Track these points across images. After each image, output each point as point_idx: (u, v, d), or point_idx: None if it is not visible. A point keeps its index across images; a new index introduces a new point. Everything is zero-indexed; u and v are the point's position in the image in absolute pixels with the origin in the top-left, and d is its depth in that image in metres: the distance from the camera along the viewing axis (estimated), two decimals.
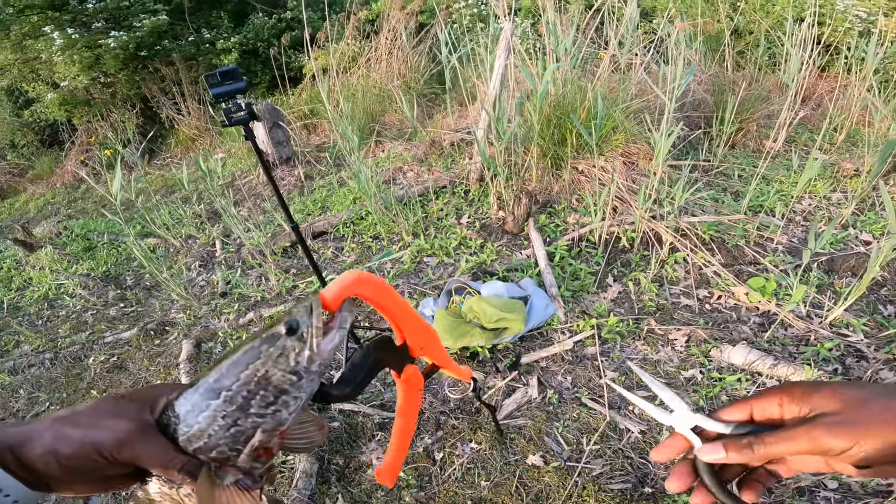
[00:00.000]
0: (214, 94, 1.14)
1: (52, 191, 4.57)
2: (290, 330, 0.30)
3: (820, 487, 1.06)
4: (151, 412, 0.31)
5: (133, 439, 0.29)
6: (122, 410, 0.30)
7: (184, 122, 4.67)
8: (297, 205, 2.79)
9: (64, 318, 2.27)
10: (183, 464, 0.30)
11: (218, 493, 0.30)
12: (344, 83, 3.60)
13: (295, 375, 0.30)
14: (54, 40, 4.05)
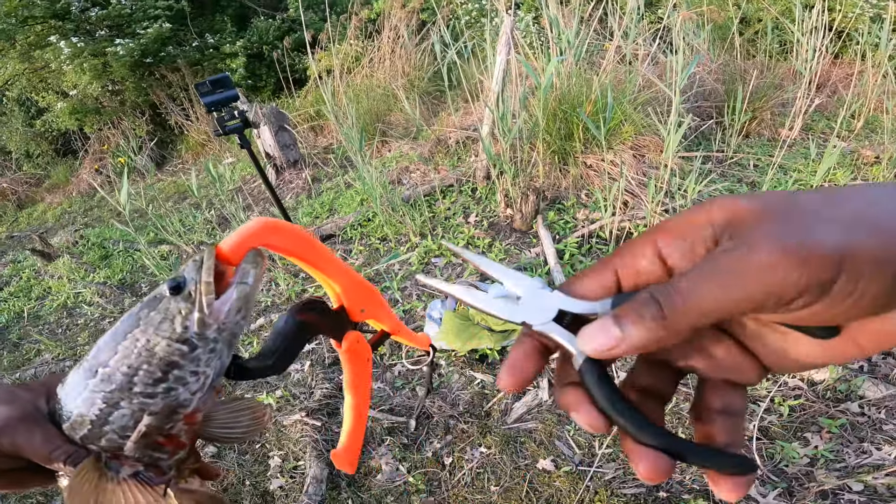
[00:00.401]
0: (206, 103, 1.13)
1: (68, 200, 4.66)
2: (174, 288, 0.24)
3: (844, 490, 1.00)
4: (48, 400, 0.27)
5: (12, 428, 0.25)
6: (12, 398, 0.27)
7: (193, 127, 4.70)
8: (305, 208, 2.78)
9: (83, 325, 2.31)
10: (68, 454, 0.26)
11: (107, 486, 0.25)
12: (348, 83, 3.57)
13: (185, 345, 0.24)
14: (62, 50, 4.10)
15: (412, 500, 1.16)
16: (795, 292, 0.13)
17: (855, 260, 0.13)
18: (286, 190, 3.21)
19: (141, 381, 0.24)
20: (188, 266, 0.25)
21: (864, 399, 1.17)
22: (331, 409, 1.47)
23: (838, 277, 0.13)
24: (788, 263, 0.13)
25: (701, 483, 1.07)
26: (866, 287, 0.13)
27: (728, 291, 0.14)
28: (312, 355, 1.73)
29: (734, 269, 0.14)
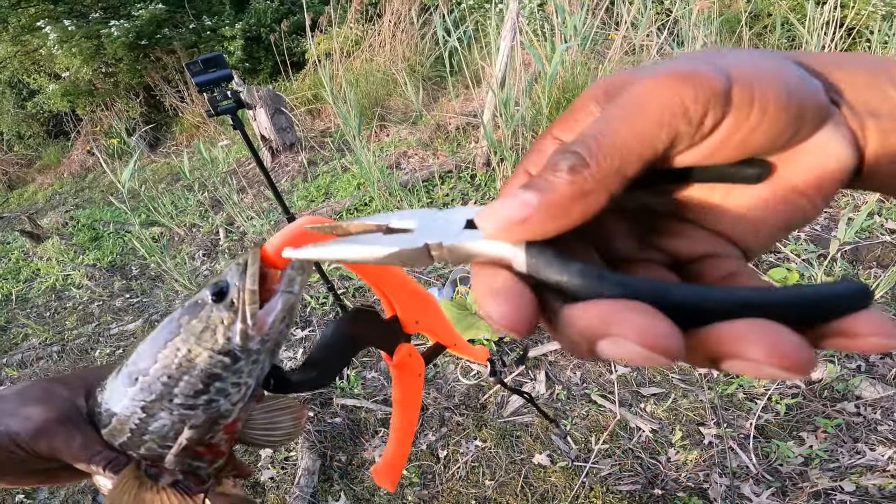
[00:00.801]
0: (198, 82, 1.05)
1: (59, 181, 4.53)
2: (217, 295, 0.22)
3: (836, 491, 0.98)
4: (88, 398, 0.26)
5: (50, 430, 0.24)
6: (50, 396, 0.26)
7: (188, 109, 4.57)
8: (300, 191, 2.70)
9: (71, 309, 2.24)
10: (107, 460, 0.25)
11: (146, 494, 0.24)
12: (347, 67, 3.45)
13: (227, 356, 0.23)
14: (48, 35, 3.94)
15: (406, 494, 1.12)
16: (696, 106, 0.12)
17: (741, 72, 0.13)
18: (282, 173, 3.12)
19: (181, 393, 0.23)
20: (231, 270, 0.23)
21: (861, 399, 1.15)
22: (324, 399, 1.42)
23: (731, 85, 0.13)
24: (676, 82, 0.13)
25: (696, 481, 1.04)
26: (763, 94, 0.13)
27: (636, 120, 0.13)
28: (306, 343, 1.68)
29: (632, 102, 0.13)
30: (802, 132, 0.14)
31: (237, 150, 3.68)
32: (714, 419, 1.16)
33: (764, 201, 0.15)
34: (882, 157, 0.14)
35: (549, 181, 0.13)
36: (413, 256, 0.14)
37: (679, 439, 1.12)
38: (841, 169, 0.14)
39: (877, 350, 0.12)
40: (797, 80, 0.13)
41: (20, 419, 0.25)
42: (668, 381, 1.28)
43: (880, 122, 0.14)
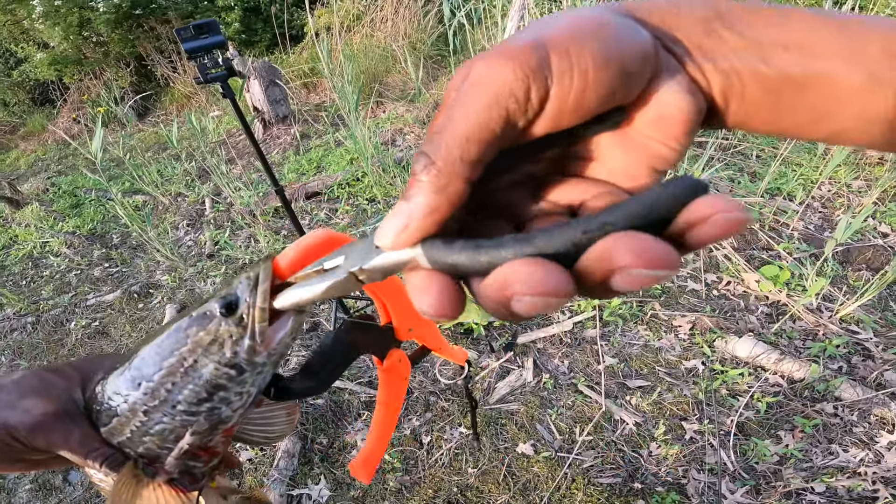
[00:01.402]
0: (188, 49, 0.96)
1: (43, 147, 4.30)
2: (226, 308, 0.21)
3: (807, 491, 0.97)
4: (84, 390, 0.26)
5: (48, 425, 0.24)
6: (47, 388, 0.25)
7: (179, 80, 4.35)
8: (291, 164, 2.59)
9: (48, 278, 2.11)
10: (105, 457, 0.25)
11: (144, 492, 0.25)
12: (346, 42, 3.27)
13: (233, 369, 0.22)
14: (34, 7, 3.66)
15: (387, 479, 1.08)
16: (518, 84, 0.13)
17: (559, 39, 0.13)
18: (273, 145, 2.97)
19: (185, 400, 0.23)
20: (241, 283, 0.22)
21: (840, 401, 1.13)
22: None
23: (548, 56, 0.13)
24: (498, 64, 0.13)
25: (675, 476, 1.02)
26: (580, 59, 0.13)
27: (469, 103, 0.13)
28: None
29: (465, 90, 0.14)
30: (634, 85, 0.14)
31: (228, 122, 3.49)
32: (697, 415, 1.14)
33: (625, 147, 0.16)
34: (730, 98, 0.15)
35: (412, 187, 0.14)
36: (345, 286, 0.16)
37: (662, 434, 1.09)
38: (683, 115, 0.14)
39: (726, 229, 0.11)
40: (617, 37, 0.13)
41: (19, 412, 0.24)
42: (655, 375, 1.25)
43: (718, 65, 0.14)
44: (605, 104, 0.14)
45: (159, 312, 1.73)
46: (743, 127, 0.15)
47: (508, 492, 1.03)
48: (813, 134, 0.15)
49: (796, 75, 0.14)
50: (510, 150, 0.15)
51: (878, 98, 0.13)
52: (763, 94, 0.14)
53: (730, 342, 1.30)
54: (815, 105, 0.14)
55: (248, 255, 1.93)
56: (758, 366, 1.24)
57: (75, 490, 1.20)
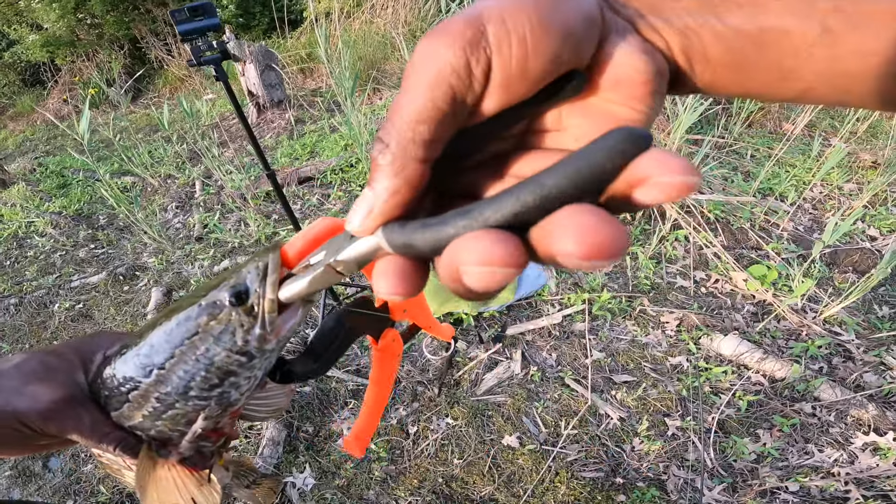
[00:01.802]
0: (182, 31, 0.93)
1: (31, 128, 4.14)
2: (235, 298, 0.21)
3: (781, 490, 0.98)
4: (85, 372, 0.26)
5: (60, 412, 0.24)
6: (51, 373, 0.25)
7: (173, 62, 4.22)
8: (284, 148, 2.52)
9: (32, 258, 2.04)
10: (118, 441, 0.25)
11: (160, 473, 0.26)
12: (345, 28, 3.17)
13: (244, 356, 0.23)
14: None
15: (373, 469, 1.06)
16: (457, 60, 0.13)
17: (495, 9, 0.13)
18: (267, 129, 2.89)
19: (197, 386, 0.23)
20: (251, 272, 0.21)
21: (819, 401, 1.13)
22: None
23: (484, 28, 0.13)
24: (436, 42, 0.13)
25: (656, 472, 1.02)
26: (517, 27, 0.12)
27: (414, 86, 0.13)
28: None
29: (409, 72, 0.13)
30: (581, 49, 0.13)
31: (221, 105, 3.38)
32: (680, 411, 1.13)
33: (588, 114, 0.15)
34: (692, 59, 0.14)
35: (373, 172, 0.14)
36: (326, 279, 0.17)
37: (645, 429, 1.09)
38: (641, 76, 0.14)
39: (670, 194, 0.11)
40: (556, 3, 0.13)
41: (27, 398, 0.24)
42: (641, 370, 1.24)
43: (673, 24, 0.14)
44: (553, 70, 0.13)
45: (145, 295, 1.67)
46: (714, 90, 0.15)
47: (493, 483, 1.02)
48: (782, 93, 0.14)
49: (752, 31, 0.13)
50: (472, 129, 0.14)
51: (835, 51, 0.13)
52: (725, 52, 0.14)
53: (715, 340, 1.29)
54: (778, 62, 0.14)
55: (238, 238, 1.88)
56: (741, 364, 1.23)
57: (55, 477, 1.17)
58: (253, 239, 1.86)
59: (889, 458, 0.99)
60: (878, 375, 1.19)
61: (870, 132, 2.17)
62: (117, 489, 1.09)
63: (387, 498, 1.01)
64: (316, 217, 1.91)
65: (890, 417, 1.06)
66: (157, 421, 0.24)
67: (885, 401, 1.11)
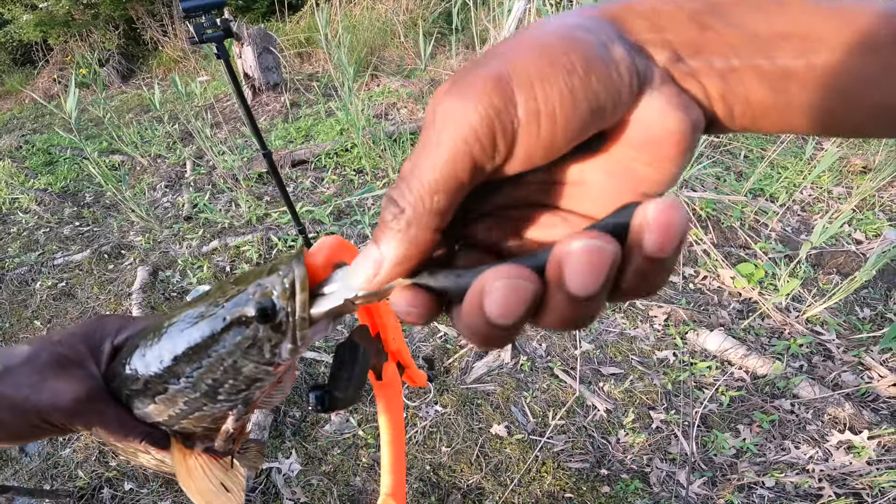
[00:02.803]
0: (186, 8, 0.88)
1: (20, 106, 3.96)
2: (262, 316, 0.20)
3: (757, 486, 0.98)
4: (97, 363, 0.25)
5: (83, 407, 0.24)
6: (66, 366, 0.24)
7: (168, 43, 4.06)
8: (279, 131, 2.44)
9: (15, 235, 1.94)
10: (144, 435, 0.25)
11: (191, 463, 0.26)
12: (346, 13, 3.06)
13: (271, 366, 0.22)
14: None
15: (360, 455, 1.03)
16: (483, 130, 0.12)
17: (518, 72, 0.12)
18: (262, 112, 2.79)
19: (225, 391, 0.23)
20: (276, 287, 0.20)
21: (798, 399, 1.13)
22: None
23: (514, 98, 0.12)
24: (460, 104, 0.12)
25: (639, 464, 1.01)
26: (548, 102, 0.12)
27: (435, 152, 0.13)
28: None
29: (429, 134, 0.13)
30: (610, 116, 0.13)
31: (215, 87, 3.26)
32: (664, 404, 1.12)
33: (609, 172, 0.14)
34: (733, 103, 0.13)
35: (383, 233, 0.14)
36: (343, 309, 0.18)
37: (630, 421, 1.07)
38: (674, 135, 0.13)
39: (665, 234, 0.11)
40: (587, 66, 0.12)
41: (48, 394, 0.24)
42: (628, 363, 1.22)
43: (714, 65, 0.13)
44: (579, 139, 0.13)
45: (130, 274, 1.60)
46: (751, 130, 0.14)
47: (480, 472, 1.00)
48: (830, 130, 0.13)
49: (801, 69, 0.12)
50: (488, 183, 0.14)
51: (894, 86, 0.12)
52: (769, 94, 0.12)
53: (701, 335, 1.28)
54: (829, 101, 0.12)
55: (228, 219, 1.81)
56: (725, 360, 1.23)
57: (32, 461, 1.12)
58: (244, 220, 1.80)
59: (863, 456, 0.99)
60: (856, 375, 1.19)
61: None
62: (96, 473, 1.05)
63: (373, 485, 0.98)
64: (309, 199, 1.85)
65: (865, 416, 1.06)
66: (184, 420, 0.25)
67: (862, 400, 1.12)
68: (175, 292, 1.53)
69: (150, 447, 0.26)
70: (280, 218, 1.79)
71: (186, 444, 0.27)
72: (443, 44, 3.12)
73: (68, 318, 1.49)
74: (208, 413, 0.24)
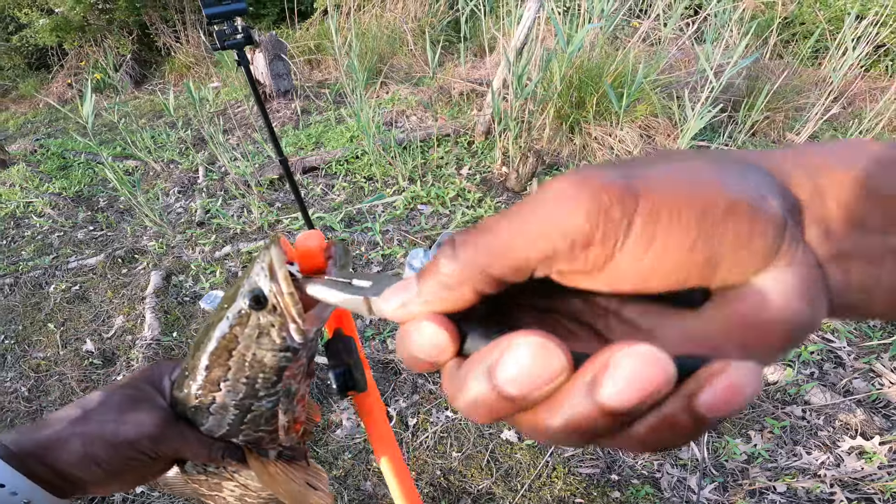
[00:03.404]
0: (209, 14, 0.92)
1: (34, 110, 4.03)
2: (255, 302, 0.22)
3: (769, 491, 0.98)
4: (163, 398, 0.28)
5: (167, 433, 0.26)
6: (139, 402, 0.27)
7: (181, 50, 4.15)
8: (290, 138, 2.48)
9: (29, 238, 1.97)
10: (223, 449, 0.28)
11: (271, 470, 0.28)
12: (355, 21, 3.12)
13: (289, 351, 0.24)
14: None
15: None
16: (586, 221, 0.10)
17: (650, 190, 0.10)
18: (273, 118, 2.85)
19: (262, 387, 0.25)
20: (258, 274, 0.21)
21: (809, 405, 1.13)
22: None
23: (634, 207, 0.10)
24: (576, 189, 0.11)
25: (650, 470, 1.01)
26: (669, 225, 0.10)
27: (521, 226, 0.11)
28: None
29: (527, 203, 0.12)
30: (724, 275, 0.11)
31: (227, 94, 3.32)
32: None
33: (684, 335, 0.12)
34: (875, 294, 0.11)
35: (429, 270, 0.13)
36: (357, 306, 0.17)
37: None
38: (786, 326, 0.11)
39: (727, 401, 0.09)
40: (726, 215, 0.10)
41: (132, 426, 0.25)
42: None
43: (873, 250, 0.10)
44: (676, 286, 0.11)
45: (143, 279, 1.62)
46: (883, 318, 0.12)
47: (491, 477, 1.00)
48: None
49: None
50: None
51: None
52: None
53: None
54: None
55: (240, 224, 1.83)
56: None
57: None
58: (255, 226, 1.82)
59: (874, 461, 0.99)
60: (867, 382, 1.19)
61: None
62: None
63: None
64: (320, 206, 1.88)
65: (877, 422, 1.06)
66: (242, 425, 0.26)
67: (873, 406, 1.12)
68: (188, 297, 1.55)
69: (232, 461, 0.27)
70: (291, 224, 1.81)
71: (259, 453, 0.28)
72: (451, 52, 3.17)
73: (82, 321, 1.51)
74: (258, 412, 0.26)
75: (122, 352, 1.38)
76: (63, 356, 1.39)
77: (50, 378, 1.33)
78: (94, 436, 0.25)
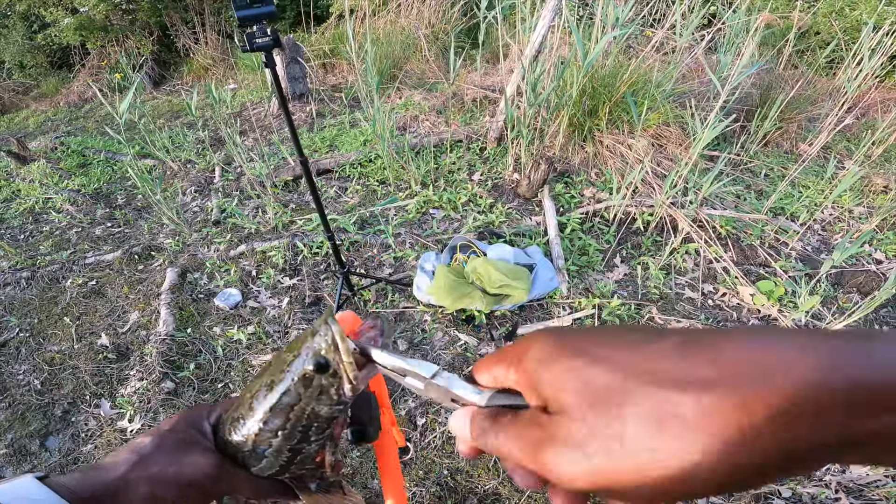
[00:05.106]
0: (241, 17, 0.96)
1: (54, 109, 4.16)
2: (318, 368, 0.27)
3: (774, 496, 0.98)
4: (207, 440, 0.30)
5: (223, 474, 0.28)
6: (190, 445, 0.28)
7: (199, 51, 4.26)
8: (304, 140, 2.54)
9: (47, 233, 2.03)
10: (273, 489, 0.30)
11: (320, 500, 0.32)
12: (370, 26, 3.20)
13: (341, 405, 0.29)
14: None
15: None
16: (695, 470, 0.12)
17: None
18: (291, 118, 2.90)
19: (314, 433, 0.29)
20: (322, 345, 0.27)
21: None
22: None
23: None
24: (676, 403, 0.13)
25: None
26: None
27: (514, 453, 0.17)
28: (293, 291, 1.56)
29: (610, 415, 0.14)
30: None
31: (242, 95, 3.41)
32: None
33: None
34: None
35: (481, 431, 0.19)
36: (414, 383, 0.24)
37: None
38: None
39: None
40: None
41: (191, 467, 0.27)
42: None
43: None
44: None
45: (159, 275, 1.67)
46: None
47: (497, 478, 1.01)
48: None
49: None
50: None
51: None
52: None
53: None
54: None
55: (255, 224, 1.88)
56: None
57: (52, 456, 1.15)
58: (270, 226, 1.86)
59: (879, 468, 0.98)
60: None
61: (884, 156, 2.16)
62: None
63: None
64: (334, 208, 1.92)
65: None
66: (292, 465, 0.30)
67: None
68: (202, 294, 1.59)
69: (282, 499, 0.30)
70: (305, 225, 1.85)
71: (301, 487, 0.32)
72: (464, 58, 3.24)
73: (97, 315, 1.55)
74: (307, 454, 0.30)
75: (136, 347, 1.42)
76: (77, 350, 1.42)
77: (63, 371, 1.36)
78: (159, 478, 0.26)
